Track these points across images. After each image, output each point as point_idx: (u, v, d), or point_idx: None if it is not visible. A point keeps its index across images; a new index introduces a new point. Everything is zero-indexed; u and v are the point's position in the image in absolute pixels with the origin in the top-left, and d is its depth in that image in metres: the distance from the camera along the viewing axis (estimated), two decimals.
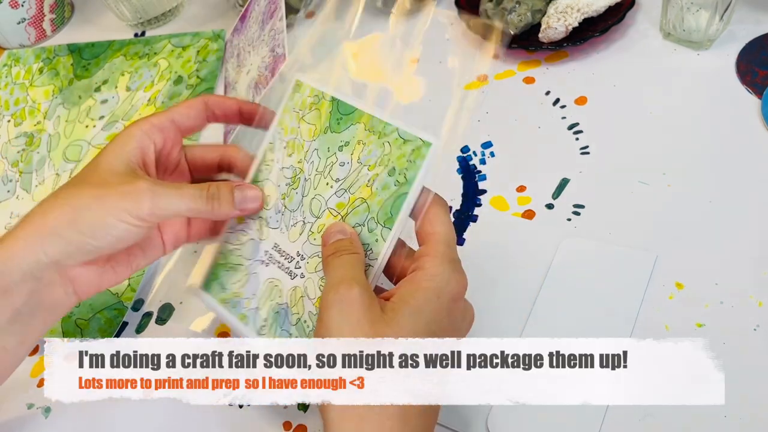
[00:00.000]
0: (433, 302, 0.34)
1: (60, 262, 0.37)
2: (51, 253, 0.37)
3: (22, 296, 0.37)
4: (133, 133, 0.40)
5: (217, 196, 0.39)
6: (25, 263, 0.36)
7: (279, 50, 0.54)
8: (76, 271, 0.39)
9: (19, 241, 0.37)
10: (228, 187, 0.40)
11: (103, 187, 0.37)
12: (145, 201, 0.37)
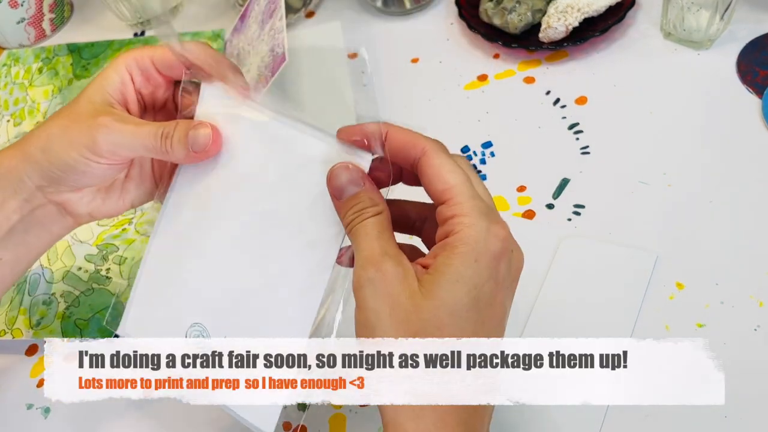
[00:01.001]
0: (471, 267, 0.30)
1: (43, 188, 0.37)
2: (32, 178, 0.37)
3: (16, 214, 0.37)
4: (118, 65, 0.38)
5: (170, 135, 0.35)
6: (11, 182, 0.37)
7: (278, 50, 0.54)
8: (64, 196, 0.38)
9: (8, 159, 0.37)
10: (184, 125, 0.36)
11: (73, 119, 0.36)
12: (102, 137, 0.35)
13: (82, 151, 0.35)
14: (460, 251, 0.30)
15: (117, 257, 0.53)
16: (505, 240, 0.31)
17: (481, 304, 0.31)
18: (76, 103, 0.38)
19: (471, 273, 0.30)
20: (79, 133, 0.36)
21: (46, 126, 0.37)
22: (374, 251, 0.31)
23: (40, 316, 0.50)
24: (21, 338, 0.49)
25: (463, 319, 0.31)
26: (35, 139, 0.37)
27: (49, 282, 0.53)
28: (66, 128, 0.36)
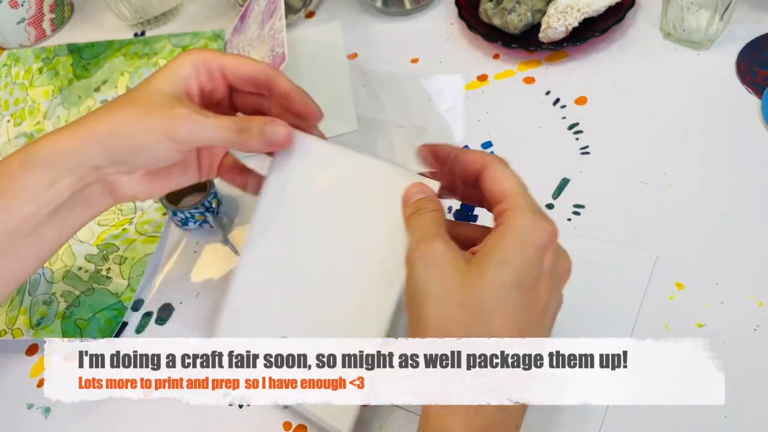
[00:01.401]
0: (518, 253, 0.33)
1: (100, 168, 0.39)
2: (94, 158, 0.39)
3: (66, 191, 0.39)
4: (185, 62, 0.41)
5: (247, 129, 0.40)
6: (71, 161, 0.38)
7: (278, 50, 0.54)
8: (115, 177, 0.40)
9: (68, 140, 0.39)
10: (260, 121, 0.40)
11: (147, 106, 0.39)
12: (182, 126, 0.38)
13: (160, 138, 0.38)
14: (508, 236, 0.33)
15: (117, 257, 0.53)
16: (552, 234, 0.34)
17: (525, 288, 0.33)
18: (142, 91, 0.40)
19: (517, 257, 0.33)
20: (156, 120, 0.38)
21: (111, 111, 0.39)
22: (427, 234, 0.35)
23: (41, 316, 0.51)
24: (21, 338, 0.49)
25: (507, 297, 0.33)
26: (102, 123, 0.39)
27: (50, 282, 0.53)
28: (141, 115, 0.39)
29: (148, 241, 0.53)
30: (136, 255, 0.53)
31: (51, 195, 0.39)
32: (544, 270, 0.34)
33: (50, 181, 0.38)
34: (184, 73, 0.41)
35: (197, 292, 0.50)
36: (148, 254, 0.53)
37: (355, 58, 0.64)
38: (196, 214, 0.53)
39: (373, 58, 0.64)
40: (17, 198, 0.38)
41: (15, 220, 0.38)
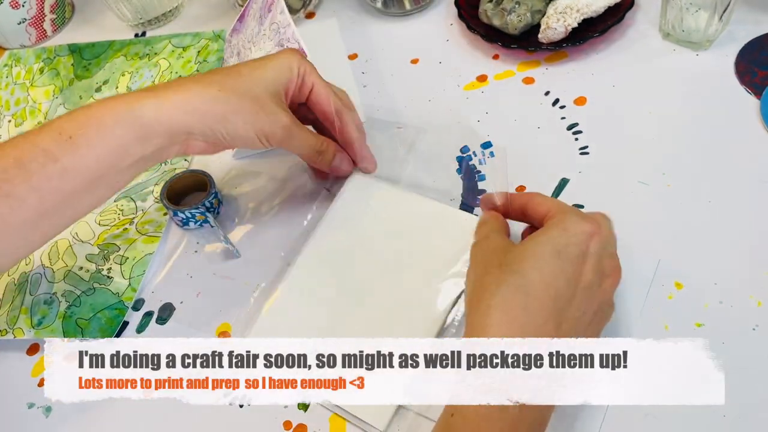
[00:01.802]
0: (559, 232, 0.36)
1: (193, 135, 0.43)
2: (193, 128, 0.42)
3: (153, 147, 0.42)
4: (292, 66, 0.46)
5: (324, 154, 0.48)
6: (170, 125, 0.42)
7: (289, 45, 0.54)
8: (196, 143, 0.44)
9: (176, 107, 0.42)
10: (334, 148, 0.49)
11: (257, 104, 0.44)
12: (282, 134, 0.44)
13: (260, 135, 0.44)
14: (551, 224, 0.37)
15: (118, 257, 0.53)
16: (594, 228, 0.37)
17: (564, 260, 0.36)
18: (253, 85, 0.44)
19: (557, 234, 0.36)
20: (263, 120, 0.44)
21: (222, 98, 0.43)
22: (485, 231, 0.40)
23: (42, 316, 0.51)
24: (22, 338, 0.49)
25: (545, 261, 0.36)
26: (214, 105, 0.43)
27: (51, 281, 0.53)
28: (251, 111, 0.43)
29: (148, 240, 0.54)
30: (137, 255, 0.53)
31: (140, 149, 0.42)
32: (588, 252, 0.36)
33: (143, 139, 0.41)
34: (288, 76, 0.46)
35: (198, 292, 0.51)
36: (148, 254, 0.53)
37: (355, 59, 0.64)
38: (196, 214, 0.53)
39: (373, 58, 0.64)
40: (108, 150, 0.41)
41: (102, 168, 0.41)
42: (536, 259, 0.36)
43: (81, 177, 0.41)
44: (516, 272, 0.36)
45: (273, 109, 0.44)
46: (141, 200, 0.57)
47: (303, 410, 0.43)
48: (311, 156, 0.48)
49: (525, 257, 0.36)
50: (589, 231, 0.37)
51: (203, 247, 0.53)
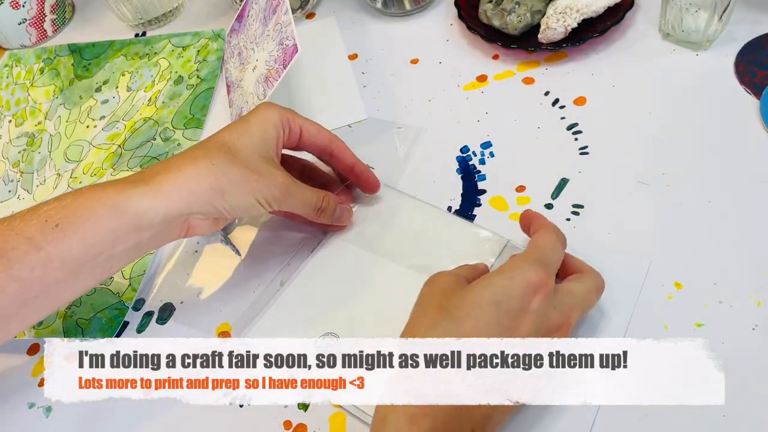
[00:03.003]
0: (504, 282, 0.36)
1: (192, 215, 0.41)
2: (192, 209, 0.41)
3: (148, 234, 0.41)
4: (275, 123, 0.45)
5: (324, 211, 0.46)
6: (167, 212, 0.40)
7: (288, 42, 0.54)
8: (197, 222, 0.42)
9: (168, 195, 0.40)
10: (334, 202, 0.47)
11: (252, 171, 0.42)
12: (279, 194, 0.43)
13: (260, 200, 0.42)
14: (501, 269, 0.37)
15: None
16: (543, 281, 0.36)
17: (503, 312, 0.35)
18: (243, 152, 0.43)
19: (501, 283, 0.36)
20: (261, 186, 0.42)
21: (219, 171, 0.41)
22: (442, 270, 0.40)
23: None
24: (23, 338, 0.49)
25: (482, 311, 0.35)
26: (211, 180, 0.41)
27: None
28: (248, 180, 0.42)
29: None
30: None
31: (134, 237, 0.40)
32: (529, 308, 0.36)
33: (136, 228, 0.40)
34: (274, 134, 0.44)
35: (198, 292, 0.51)
36: (149, 254, 0.53)
37: (355, 59, 0.64)
38: None
39: (373, 58, 0.64)
40: (95, 239, 0.39)
41: (89, 257, 0.39)
42: (474, 306, 0.36)
43: (66, 266, 0.39)
44: (451, 318, 0.36)
45: (268, 172, 0.43)
46: None
47: (303, 410, 0.43)
48: (312, 214, 0.46)
49: (464, 303, 0.36)
50: (534, 284, 0.36)
51: (203, 247, 0.53)
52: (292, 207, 0.45)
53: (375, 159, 0.54)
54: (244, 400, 0.44)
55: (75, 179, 0.61)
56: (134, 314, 0.51)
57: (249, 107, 0.57)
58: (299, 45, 0.52)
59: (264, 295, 0.49)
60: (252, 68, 0.59)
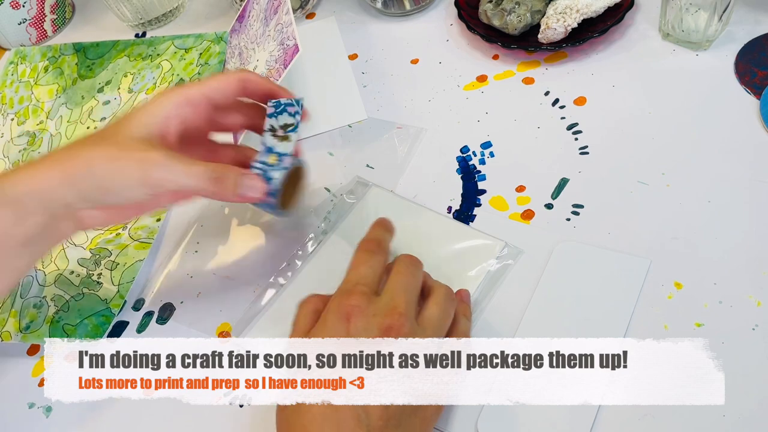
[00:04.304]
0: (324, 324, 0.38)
1: (72, 205, 0.39)
2: (66, 197, 0.38)
3: (36, 226, 0.39)
4: (164, 104, 0.41)
5: (222, 180, 0.40)
6: (42, 198, 0.38)
7: (289, 42, 0.54)
8: (86, 213, 0.40)
9: (41, 179, 0.38)
10: (234, 172, 0.41)
11: (121, 149, 0.39)
12: (156, 172, 0.38)
13: (131, 182, 0.38)
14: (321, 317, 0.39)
15: (109, 263, 0.53)
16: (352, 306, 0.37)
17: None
18: (115, 133, 0.40)
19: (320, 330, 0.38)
20: (129, 165, 0.38)
21: (85, 151, 0.39)
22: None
23: (30, 320, 0.50)
24: (9, 342, 0.49)
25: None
26: (75, 162, 0.39)
27: (42, 285, 0.52)
28: (114, 159, 0.38)
29: (140, 246, 0.53)
30: (128, 261, 0.53)
31: (20, 230, 0.39)
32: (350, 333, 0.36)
33: (19, 219, 0.38)
34: (162, 113, 0.41)
35: (198, 292, 0.51)
36: (139, 260, 0.52)
37: (355, 59, 0.64)
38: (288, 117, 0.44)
39: (373, 58, 0.64)
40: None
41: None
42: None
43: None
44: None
45: (139, 148, 0.39)
46: None
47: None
48: (209, 187, 0.40)
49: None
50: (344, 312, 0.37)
51: (203, 247, 0.53)
52: (179, 183, 0.39)
53: (375, 159, 0.54)
54: (244, 400, 0.44)
55: None
56: (134, 314, 0.51)
57: None
58: (300, 45, 0.52)
59: (264, 295, 0.49)
60: (252, 68, 0.59)
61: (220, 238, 0.53)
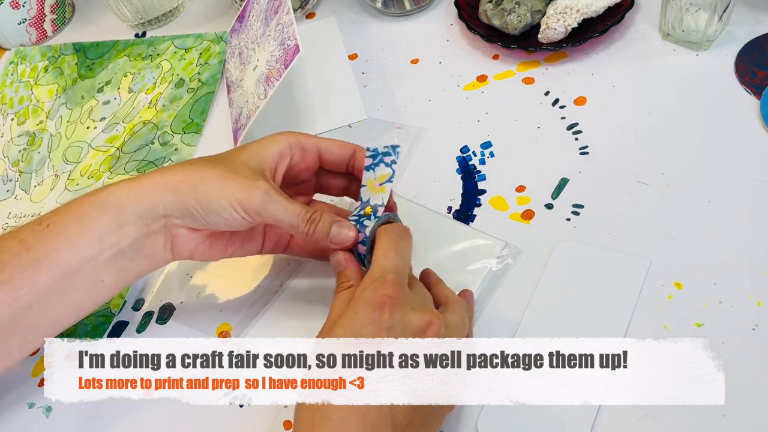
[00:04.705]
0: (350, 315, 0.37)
1: (169, 217, 0.40)
2: (165, 207, 0.40)
3: (130, 237, 0.40)
4: (280, 140, 0.43)
5: (315, 223, 0.41)
6: (142, 207, 0.39)
7: (290, 42, 0.54)
8: (179, 231, 0.41)
9: (143, 186, 0.40)
10: (329, 218, 0.42)
11: (230, 172, 0.40)
12: (257, 199, 0.40)
13: (234, 203, 0.40)
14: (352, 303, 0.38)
15: None
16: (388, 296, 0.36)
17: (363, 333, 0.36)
18: (230, 159, 0.42)
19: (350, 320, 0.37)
20: (235, 186, 0.40)
21: (195, 168, 0.41)
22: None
23: None
24: None
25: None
26: (181, 175, 0.40)
27: None
28: (223, 177, 0.40)
29: None
30: None
31: (115, 238, 0.39)
32: (382, 327, 0.36)
33: (117, 226, 0.39)
34: (276, 149, 0.43)
35: (198, 292, 0.51)
36: None
37: (355, 59, 0.64)
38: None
39: (373, 58, 0.64)
40: (81, 238, 0.39)
41: (76, 261, 0.39)
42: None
43: (54, 270, 0.38)
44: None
45: (248, 175, 0.40)
46: None
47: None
48: (302, 226, 0.41)
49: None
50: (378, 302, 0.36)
51: None
52: (276, 215, 0.40)
53: None
54: (244, 400, 0.44)
55: (72, 181, 0.61)
56: (134, 314, 0.51)
57: (249, 107, 0.57)
58: (301, 45, 0.52)
59: (264, 295, 0.49)
60: (252, 68, 0.59)
61: None
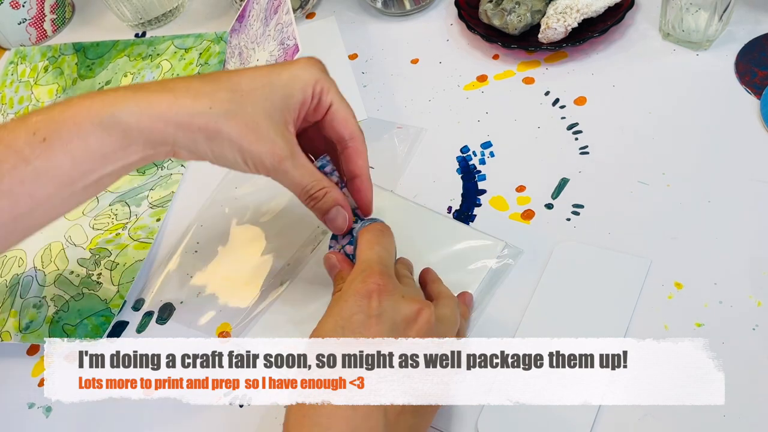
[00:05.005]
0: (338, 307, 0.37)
1: (177, 153, 0.40)
2: (177, 142, 0.39)
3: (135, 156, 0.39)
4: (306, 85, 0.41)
5: (318, 200, 0.42)
6: (151, 137, 0.38)
7: (290, 42, 0.54)
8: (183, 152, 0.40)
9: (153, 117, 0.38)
10: (333, 199, 0.42)
11: (250, 129, 0.39)
12: (271, 164, 0.40)
13: (248, 161, 0.39)
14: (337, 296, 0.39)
15: (109, 262, 0.53)
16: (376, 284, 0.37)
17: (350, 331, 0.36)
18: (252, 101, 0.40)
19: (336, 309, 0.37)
20: (255, 148, 0.39)
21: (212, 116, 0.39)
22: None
23: (30, 320, 0.50)
24: (9, 342, 0.49)
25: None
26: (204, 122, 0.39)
27: (42, 285, 0.52)
28: (240, 136, 0.39)
29: (140, 247, 0.53)
30: (128, 261, 0.53)
31: (121, 156, 0.38)
32: (371, 314, 0.36)
33: (122, 147, 0.38)
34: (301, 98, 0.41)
35: (198, 292, 0.51)
36: (139, 260, 0.52)
37: (355, 59, 0.64)
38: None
39: (373, 58, 0.64)
40: (85, 155, 0.38)
41: (78, 174, 0.38)
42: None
43: (56, 182, 0.37)
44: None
45: (268, 137, 0.39)
46: (135, 205, 0.57)
47: None
48: (303, 199, 0.42)
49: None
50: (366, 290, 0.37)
51: (203, 247, 0.53)
52: (281, 181, 0.41)
53: (375, 159, 0.54)
54: (244, 400, 0.44)
55: None
56: (134, 314, 0.51)
57: None
58: (300, 45, 0.52)
59: (264, 295, 0.49)
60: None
61: (220, 238, 0.53)
